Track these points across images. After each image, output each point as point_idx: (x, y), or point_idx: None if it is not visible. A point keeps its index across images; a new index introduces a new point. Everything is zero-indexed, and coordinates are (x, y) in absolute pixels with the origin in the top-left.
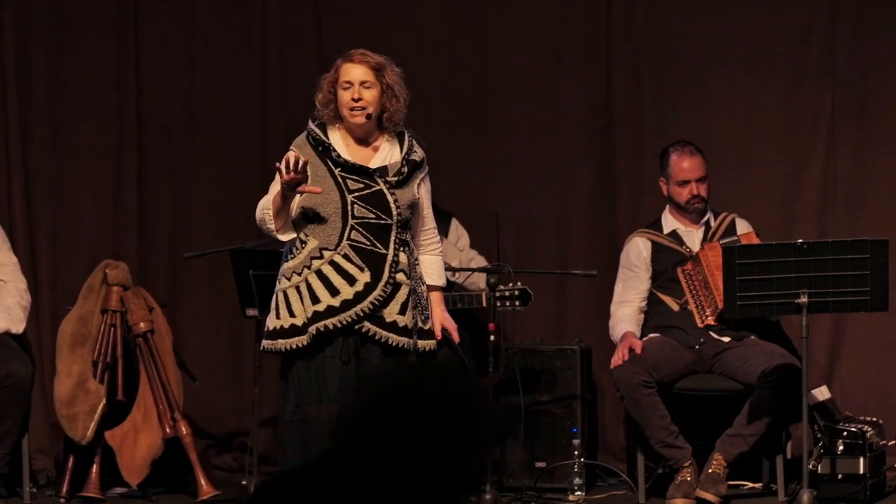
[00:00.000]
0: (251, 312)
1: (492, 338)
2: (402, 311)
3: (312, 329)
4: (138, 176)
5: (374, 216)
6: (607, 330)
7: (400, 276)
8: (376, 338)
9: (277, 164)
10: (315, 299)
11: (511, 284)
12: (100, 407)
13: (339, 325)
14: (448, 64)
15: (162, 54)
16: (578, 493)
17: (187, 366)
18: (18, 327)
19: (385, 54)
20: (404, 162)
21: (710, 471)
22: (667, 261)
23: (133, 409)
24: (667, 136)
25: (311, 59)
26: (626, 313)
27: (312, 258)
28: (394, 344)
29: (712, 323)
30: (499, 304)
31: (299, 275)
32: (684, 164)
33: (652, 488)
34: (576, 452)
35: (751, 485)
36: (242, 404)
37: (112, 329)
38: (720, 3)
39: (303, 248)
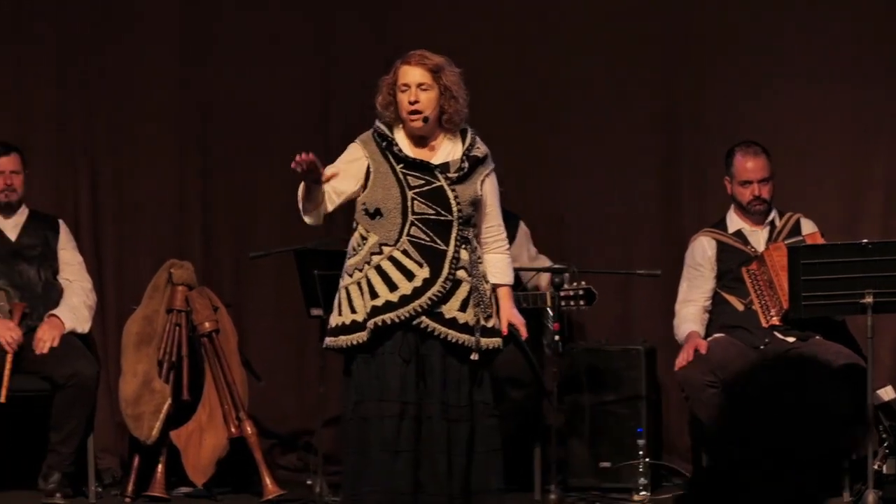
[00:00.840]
0: (316, 312)
1: (556, 338)
2: (463, 308)
3: (370, 324)
4: (203, 176)
5: (434, 212)
6: (672, 330)
7: (460, 273)
8: (435, 334)
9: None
10: (374, 294)
11: (575, 284)
12: (165, 406)
13: (396, 321)
14: (512, 66)
15: (225, 54)
16: (643, 493)
17: (252, 365)
18: (84, 327)
19: (451, 54)
20: (464, 158)
21: None
22: (731, 260)
23: (198, 409)
24: (731, 136)
25: (374, 56)
26: (690, 312)
27: (372, 254)
28: (453, 340)
29: (777, 323)
30: (563, 303)
31: (360, 271)
32: (748, 165)
33: None
34: (640, 452)
35: None
36: (307, 404)
37: (177, 328)
38: (785, 3)
39: (364, 244)
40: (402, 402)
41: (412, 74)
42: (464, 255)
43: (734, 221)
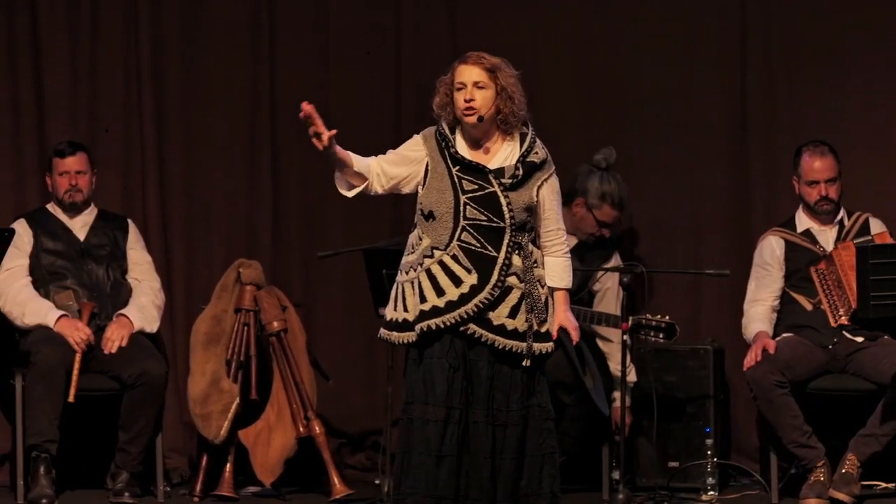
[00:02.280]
0: (384, 312)
1: (625, 338)
2: (513, 315)
3: (417, 328)
4: (272, 175)
5: (485, 218)
6: (740, 330)
7: (511, 280)
8: (483, 340)
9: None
10: (423, 298)
11: (659, 316)
12: (233, 406)
13: (441, 326)
14: (582, 65)
15: (296, 53)
16: (711, 492)
17: (320, 365)
18: (153, 326)
19: (519, 54)
20: (518, 165)
21: (843, 471)
22: (800, 260)
23: (266, 408)
24: (801, 136)
25: (444, 57)
26: (758, 312)
27: (425, 256)
28: (500, 347)
29: (846, 323)
30: (642, 333)
31: (414, 271)
32: (815, 165)
33: (785, 488)
34: (709, 452)
35: (884, 485)
36: (375, 403)
37: (245, 328)
38: (854, 3)
39: (419, 244)
40: (447, 406)
41: (468, 73)
42: (516, 261)
43: (803, 221)
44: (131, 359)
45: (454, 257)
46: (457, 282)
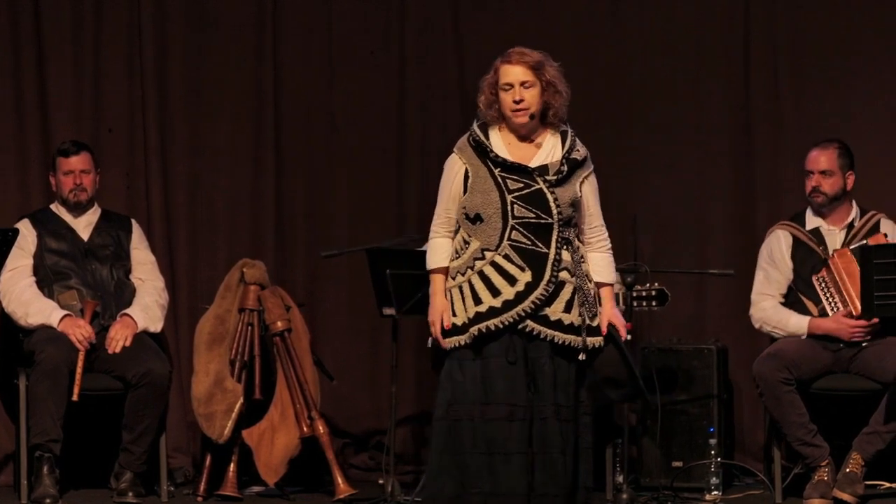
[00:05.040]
0: (388, 311)
1: (629, 337)
2: (567, 309)
3: (474, 330)
4: (276, 175)
5: (534, 216)
6: (745, 329)
7: (563, 275)
8: (541, 336)
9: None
10: (477, 300)
11: (648, 285)
12: (237, 406)
13: (500, 326)
14: (587, 63)
15: (300, 54)
16: (715, 492)
17: (324, 365)
18: (156, 326)
19: None
20: (564, 160)
21: (847, 471)
22: (804, 262)
23: (270, 408)
24: (806, 134)
25: (449, 59)
26: (774, 305)
27: (475, 259)
28: (559, 342)
29: None
30: (635, 303)
31: (463, 275)
32: (811, 154)
33: (789, 488)
34: (712, 452)
35: (888, 484)
36: (379, 403)
37: (249, 328)
38: (861, 1)
39: (466, 248)
40: (509, 404)
41: (514, 73)
42: (565, 256)
43: (811, 219)
44: (135, 358)
45: (506, 257)
46: (511, 280)
